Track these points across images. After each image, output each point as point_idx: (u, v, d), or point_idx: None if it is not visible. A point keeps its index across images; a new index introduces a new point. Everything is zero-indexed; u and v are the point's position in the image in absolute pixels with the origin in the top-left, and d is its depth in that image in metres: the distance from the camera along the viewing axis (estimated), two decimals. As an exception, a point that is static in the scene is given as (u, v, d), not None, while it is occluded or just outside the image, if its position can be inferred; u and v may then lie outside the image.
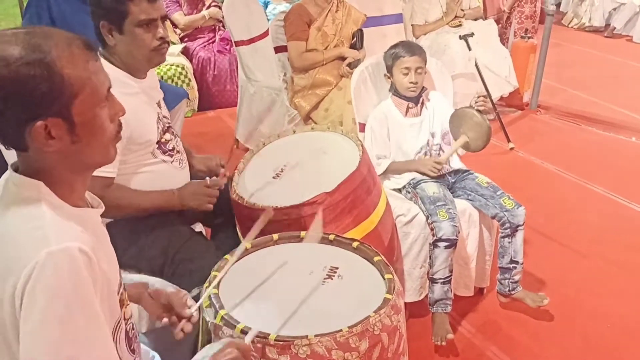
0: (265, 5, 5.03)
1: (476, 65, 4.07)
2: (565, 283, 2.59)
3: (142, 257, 1.79)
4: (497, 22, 7.24)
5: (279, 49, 3.28)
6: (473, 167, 2.60)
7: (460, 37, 4.16)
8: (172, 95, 2.92)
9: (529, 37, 4.62)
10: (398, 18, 4.25)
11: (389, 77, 2.43)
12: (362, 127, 2.47)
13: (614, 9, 8.05)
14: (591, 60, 6.78)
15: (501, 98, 4.42)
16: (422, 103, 2.41)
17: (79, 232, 0.96)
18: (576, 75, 5.96)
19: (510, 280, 2.31)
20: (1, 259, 0.92)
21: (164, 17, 1.79)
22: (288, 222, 1.83)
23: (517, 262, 2.28)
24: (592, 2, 8.25)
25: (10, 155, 1.69)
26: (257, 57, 3.61)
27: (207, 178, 1.96)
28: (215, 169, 2.09)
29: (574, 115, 4.68)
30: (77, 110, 0.95)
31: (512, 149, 3.95)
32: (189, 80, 4.45)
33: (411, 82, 2.34)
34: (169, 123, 1.97)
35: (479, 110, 2.23)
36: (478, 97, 2.26)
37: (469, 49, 4.11)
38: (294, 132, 2.23)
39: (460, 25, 4.32)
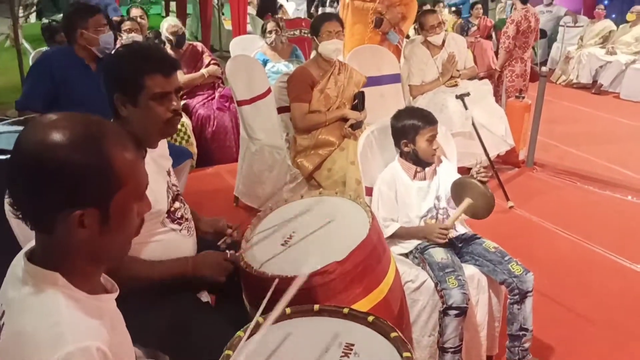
0: (264, 63, 5.09)
1: (473, 124, 4.13)
2: (572, 352, 2.55)
3: (148, 330, 1.73)
4: (487, 79, 7.44)
5: (281, 110, 3.32)
6: (474, 227, 2.59)
7: (456, 97, 4.24)
8: (175, 155, 2.92)
9: (523, 97, 4.71)
10: (396, 78, 4.35)
11: (406, 145, 2.41)
12: (369, 191, 2.47)
13: (601, 67, 8.30)
14: (581, 117, 6.93)
15: (498, 156, 4.46)
16: (432, 167, 2.43)
17: (96, 326, 0.94)
18: (568, 132, 6.07)
19: (520, 348, 2.27)
20: (19, 358, 0.88)
21: (178, 89, 1.80)
22: (298, 293, 1.80)
23: (526, 330, 2.25)
24: (579, 59, 8.50)
25: (20, 230, 1.68)
26: (259, 116, 3.65)
27: (228, 252, 1.92)
28: (222, 230, 2.07)
29: (569, 172, 4.73)
30: (115, 203, 0.94)
31: (511, 207, 3.96)
32: (188, 136, 4.46)
33: (435, 150, 2.37)
34: (177, 190, 1.95)
35: (480, 181, 2.24)
36: (479, 167, 2.26)
37: (466, 108, 4.18)
38: (302, 196, 2.22)
39: (456, 85, 4.40)
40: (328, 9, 10.41)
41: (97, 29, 2.95)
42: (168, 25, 4.79)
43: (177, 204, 1.89)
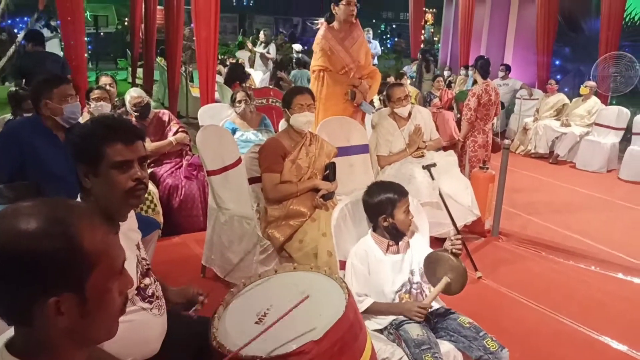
0: (233, 132, 5.12)
1: (440, 194, 4.21)
2: None
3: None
4: (450, 149, 7.65)
5: (252, 180, 3.31)
6: (445, 298, 2.58)
7: (423, 167, 4.33)
8: (143, 226, 2.85)
9: (487, 168, 4.85)
10: (364, 148, 4.42)
11: (385, 220, 2.42)
12: (342, 265, 2.45)
13: (557, 138, 8.65)
14: (540, 186, 7.14)
15: (464, 225, 4.52)
16: (405, 241, 2.44)
17: None
18: (529, 201, 6.23)
19: None
20: None
21: (143, 158, 1.77)
22: (274, 374, 1.74)
23: (503, 408, 2.21)
24: (536, 130, 8.86)
25: None
26: (229, 186, 3.63)
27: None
28: (193, 298, 2.00)
29: (533, 242, 4.82)
30: (91, 284, 0.91)
31: (479, 277, 3.98)
32: (155, 205, 4.38)
33: (411, 220, 2.39)
34: (147, 265, 1.90)
35: (453, 253, 2.25)
36: (452, 239, 2.29)
37: (433, 178, 4.27)
38: (276, 271, 2.18)
39: (423, 155, 4.50)
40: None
41: (61, 99, 2.93)
42: (131, 97, 4.72)
43: (147, 280, 1.83)
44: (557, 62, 12.00)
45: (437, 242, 4.43)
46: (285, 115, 3.32)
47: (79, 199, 1.73)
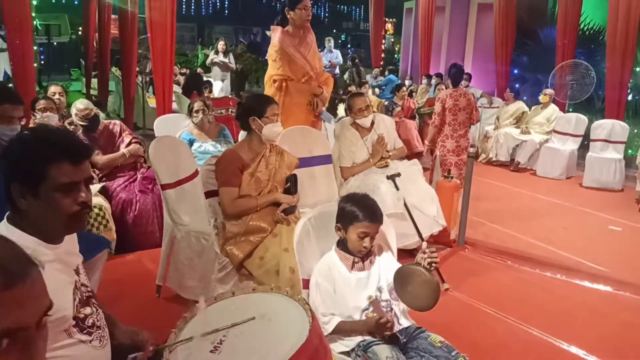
0: (190, 143, 4.94)
1: (405, 205, 4.10)
2: None
3: None
4: (413, 157, 7.61)
5: (209, 194, 3.12)
6: (413, 314, 2.45)
7: (387, 178, 4.23)
8: (88, 246, 2.64)
9: (451, 177, 4.78)
10: (327, 159, 4.29)
11: (340, 230, 2.30)
12: (306, 283, 2.30)
13: (517, 145, 8.72)
14: (502, 194, 7.15)
15: (430, 236, 4.43)
16: (369, 258, 2.30)
17: None
18: (492, 209, 6.21)
19: None
20: None
21: (88, 179, 1.60)
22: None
23: None
24: (497, 139, 8.91)
25: None
26: (184, 200, 3.45)
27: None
28: (141, 345, 1.80)
29: (498, 251, 4.77)
30: None
31: (447, 289, 3.88)
32: (107, 221, 4.15)
33: (365, 247, 2.24)
34: (88, 292, 1.70)
35: (426, 268, 2.12)
36: (427, 251, 2.16)
37: (397, 188, 4.17)
38: (233, 293, 2.01)
39: (387, 165, 4.40)
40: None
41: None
42: (77, 110, 4.45)
43: (87, 310, 1.64)
44: (516, 71, 12.19)
45: (402, 253, 4.35)
46: (253, 124, 3.09)
47: (4, 221, 1.54)
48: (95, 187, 4.32)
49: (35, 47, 6.82)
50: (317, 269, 2.27)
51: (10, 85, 6.17)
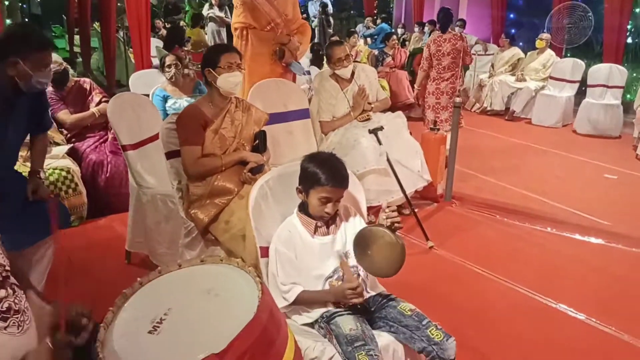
0: (165, 99, 4.68)
1: (388, 160, 3.90)
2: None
3: None
4: (404, 109, 7.40)
5: (171, 154, 2.90)
6: (389, 279, 2.27)
7: (369, 131, 4.00)
8: (26, 230, 2.45)
9: (437, 129, 4.55)
10: (304, 113, 4.07)
11: (301, 192, 2.10)
12: (264, 252, 2.11)
13: (512, 94, 8.46)
14: (496, 144, 6.94)
15: (415, 191, 4.25)
16: (334, 221, 2.11)
17: None
18: (484, 160, 6.02)
19: None
20: None
21: None
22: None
23: (451, 404, 1.94)
24: (492, 87, 8.63)
25: None
26: (149, 161, 3.26)
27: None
28: (73, 320, 1.61)
29: (488, 205, 4.59)
30: None
31: (431, 247, 3.72)
32: (76, 185, 3.96)
33: (327, 213, 2.04)
34: (5, 272, 1.51)
35: (390, 228, 1.92)
36: (387, 211, 1.95)
37: (380, 143, 3.95)
38: (180, 266, 1.83)
39: (369, 119, 4.16)
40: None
41: (36, 65, 2.45)
42: None
43: (2, 292, 1.46)
44: (512, 16, 11.76)
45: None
46: (209, 77, 2.86)
47: None
48: (62, 149, 4.12)
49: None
50: (277, 234, 2.08)
51: None
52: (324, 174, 2.00)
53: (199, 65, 6.20)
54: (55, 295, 1.70)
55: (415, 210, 4.05)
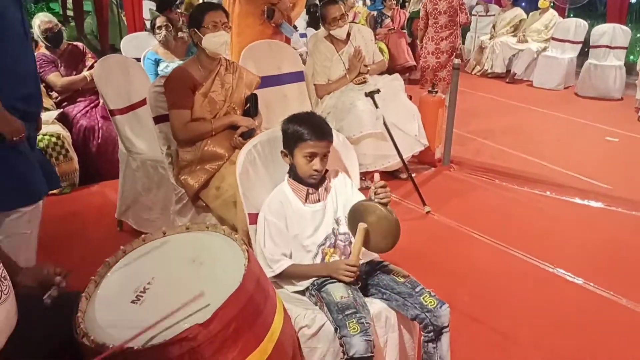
0: (157, 63, 4.57)
1: (385, 124, 3.81)
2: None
3: None
4: (403, 72, 7.27)
5: (159, 119, 2.81)
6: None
7: (366, 95, 3.91)
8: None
9: (435, 92, 4.44)
10: (299, 76, 3.96)
11: (286, 156, 2.04)
12: (253, 219, 2.05)
13: (514, 55, 8.30)
14: (496, 107, 6.84)
15: (412, 156, 4.17)
16: (325, 186, 2.05)
17: None
18: (484, 124, 5.93)
19: (438, 392, 1.94)
20: None
21: None
22: (149, 369, 1.38)
23: (445, 371, 1.92)
24: (493, 49, 8.46)
25: None
26: (139, 126, 3.18)
27: None
28: (48, 280, 1.56)
29: (486, 169, 4.52)
30: None
31: (428, 212, 3.67)
32: (67, 151, 3.89)
33: (315, 170, 1.97)
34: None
35: (381, 203, 1.86)
36: (376, 187, 1.88)
37: (376, 106, 3.86)
38: (164, 233, 1.78)
39: (365, 82, 4.06)
40: None
41: None
42: (40, 22, 4.18)
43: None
44: (514, -25, 11.43)
45: (384, 176, 4.12)
46: (194, 38, 2.76)
47: None
48: (52, 114, 4.03)
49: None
50: (267, 203, 2.02)
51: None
52: (305, 129, 1.95)
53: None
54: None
55: (413, 175, 3.98)
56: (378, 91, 3.93)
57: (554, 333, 2.54)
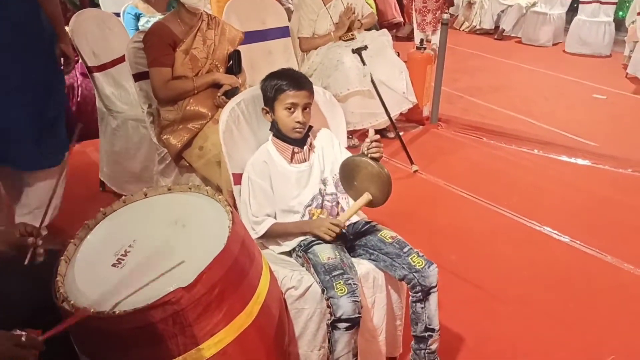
0: (137, 17, 4.41)
1: (372, 81, 3.73)
2: (484, 338, 2.25)
3: None
4: (391, 28, 7.12)
5: (139, 76, 2.72)
6: (369, 209, 2.19)
7: (353, 51, 3.81)
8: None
9: (424, 48, 4.35)
10: (284, 32, 3.85)
11: (267, 112, 1.98)
12: (237, 179, 2.00)
13: (502, 11, 8.16)
14: (484, 64, 6.75)
15: (400, 114, 4.11)
16: (310, 145, 1.99)
17: None
18: (472, 81, 5.87)
19: (426, 351, 1.93)
20: None
21: None
22: (133, 334, 1.35)
23: (432, 330, 1.91)
24: (482, 5, 8.32)
25: None
26: (119, 83, 3.07)
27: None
28: (19, 243, 1.48)
29: (474, 127, 4.48)
30: None
31: (416, 171, 3.63)
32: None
33: (297, 122, 1.91)
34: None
35: (373, 158, 1.82)
36: (371, 142, 1.83)
37: (364, 63, 3.77)
38: (145, 195, 1.72)
39: (353, 38, 3.95)
40: None
41: None
42: None
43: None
44: None
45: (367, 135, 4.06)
46: None
47: None
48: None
49: None
50: (251, 163, 1.96)
51: None
52: (283, 81, 1.91)
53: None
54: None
55: (401, 133, 3.93)
56: (365, 47, 3.83)
57: (541, 291, 2.55)
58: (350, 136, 3.85)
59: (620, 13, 7.64)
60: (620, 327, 2.33)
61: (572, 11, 7.58)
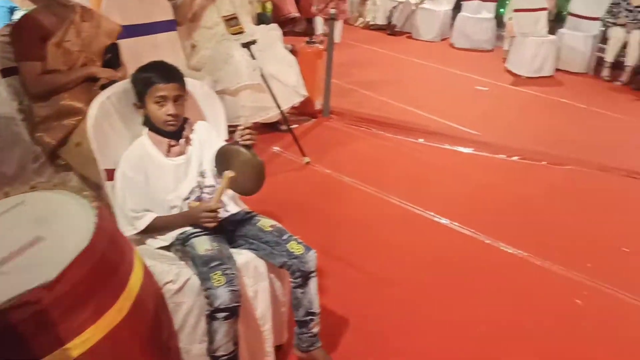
0: (11, 11, 4.17)
1: (262, 75, 3.75)
2: (371, 319, 2.35)
3: None
4: (288, 24, 7.16)
5: (8, 72, 2.56)
6: (268, 190, 2.20)
7: (242, 45, 3.80)
8: None
9: (313, 42, 4.42)
10: (171, 25, 3.77)
11: (139, 107, 1.94)
12: (110, 174, 1.94)
13: (394, 8, 8.44)
14: (378, 59, 6.97)
15: (293, 107, 4.16)
16: (186, 138, 1.98)
17: None
18: (366, 75, 6.04)
19: (308, 335, 1.99)
20: None
21: None
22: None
23: (314, 314, 1.96)
24: (374, 1, 8.55)
25: None
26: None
27: None
28: None
29: (366, 119, 4.62)
30: None
31: (307, 163, 3.70)
32: None
33: (169, 115, 1.89)
34: None
35: (245, 146, 1.84)
36: (243, 129, 1.85)
37: (253, 57, 3.77)
38: (7, 194, 1.64)
39: (242, 32, 3.95)
40: None
41: None
42: None
43: None
44: None
45: (265, 128, 4.08)
46: None
47: None
48: None
49: None
50: (124, 157, 1.91)
51: None
52: (152, 74, 1.91)
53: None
54: None
55: (293, 126, 3.98)
56: (254, 42, 3.83)
57: (424, 272, 2.69)
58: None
59: (501, 10, 8.16)
60: (491, 300, 2.50)
61: (458, 8, 8.00)
